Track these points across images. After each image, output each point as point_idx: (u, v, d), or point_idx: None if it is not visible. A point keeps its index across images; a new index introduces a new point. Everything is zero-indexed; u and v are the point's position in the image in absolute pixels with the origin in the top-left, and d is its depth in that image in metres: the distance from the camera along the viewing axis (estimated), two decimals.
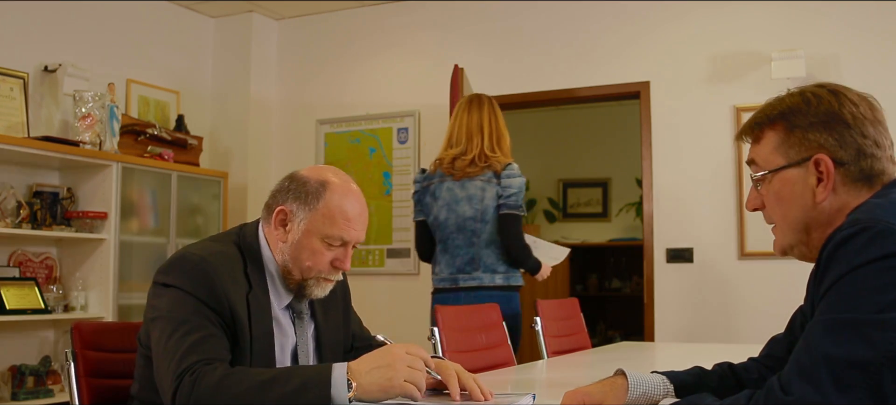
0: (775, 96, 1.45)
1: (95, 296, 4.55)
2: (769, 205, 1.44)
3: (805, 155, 1.36)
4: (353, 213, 1.78)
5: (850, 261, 1.19)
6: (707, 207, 4.73)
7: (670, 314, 4.76)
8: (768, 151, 1.41)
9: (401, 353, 1.54)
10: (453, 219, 3.48)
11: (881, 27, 4.43)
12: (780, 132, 1.40)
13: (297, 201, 1.77)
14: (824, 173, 1.35)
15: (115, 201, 4.56)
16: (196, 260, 1.69)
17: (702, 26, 4.81)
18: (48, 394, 4.30)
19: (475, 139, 3.48)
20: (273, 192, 1.84)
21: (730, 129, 4.68)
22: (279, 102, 5.92)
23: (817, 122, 1.36)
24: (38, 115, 4.63)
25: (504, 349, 3.06)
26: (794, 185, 1.38)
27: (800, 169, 1.37)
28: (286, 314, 1.83)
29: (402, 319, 5.24)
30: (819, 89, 1.40)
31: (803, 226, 1.39)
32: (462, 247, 3.48)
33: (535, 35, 5.20)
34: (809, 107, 1.37)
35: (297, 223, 1.76)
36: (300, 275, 1.78)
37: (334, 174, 1.81)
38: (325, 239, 1.76)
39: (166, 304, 1.67)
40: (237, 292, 1.71)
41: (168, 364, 1.58)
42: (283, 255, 1.78)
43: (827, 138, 1.35)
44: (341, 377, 1.50)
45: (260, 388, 1.50)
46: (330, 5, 5.68)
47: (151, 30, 5.38)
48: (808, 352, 1.19)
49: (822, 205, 1.36)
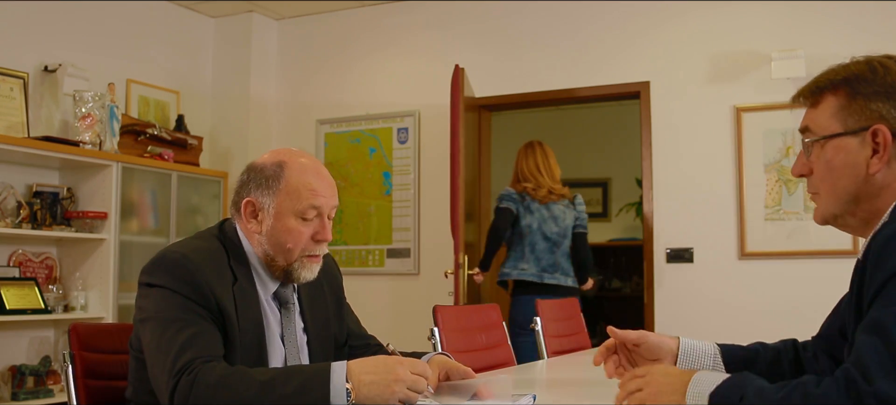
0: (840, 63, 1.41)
1: (95, 297, 4.55)
2: (818, 171, 1.39)
3: (864, 124, 1.33)
4: (318, 183, 1.79)
5: None
6: (707, 207, 4.73)
7: (670, 314, 4.76)
8: (826, 117, 1.38)
9: (404, 373, 1.52)
10: (541, 232, 4.38)
11: (881, 27, 4.43)
12: (841, 98, 1.37)
13: (259, 189, 1.79)
14: (881, 144, 1.31)
15: (115, 201, 4.56)
16: (178, 257, 1.69)
17: (702, 26, 4.81)
18: (48, 394, 4.30)
19: (540, 177, 4.45)
20: (235, 188, 1.85)
21: (730, 128, 4.68)
22: (279, 102, 5.92)
23: (881, 91, 1.33)
24: (38, 115, 4.63)
25: (504, 349, 3.06)
26: (849, 154, 1.34)
27: (856, 138, 1.34)
28: (273, 304, 1.83)
29: (402, 319, 5.25)
30: (887, 60, 1.37)
31: (852, 196, 1.35)
32: (545, 253, 4.38)
33: (535, 35, 5.19)
34: (876, 75, 1.35)
35: (267, 210, 1.77)
36: (285, 261, 1.78)
37: (289, 152, 1.83)
38: (298, 215, 1.76)
39: (153, 304, 1.67)
40: (222, 285, 1.70)
41: (163, 363, 1.57)
42: (263, 245, 1.79)
43: (889, 109, 1.32)
44: (340, 381, 1.49)
45: (259, 389, 1.49)
46: (330, 5, 5.68)
47: (151, 30, 5.38)
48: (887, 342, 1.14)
49: (874, 177, 1.32)
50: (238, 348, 1.70)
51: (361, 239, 5.54)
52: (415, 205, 5.42)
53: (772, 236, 4.52)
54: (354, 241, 5.55)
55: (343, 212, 5.59)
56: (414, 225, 5.41)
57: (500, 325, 3.13)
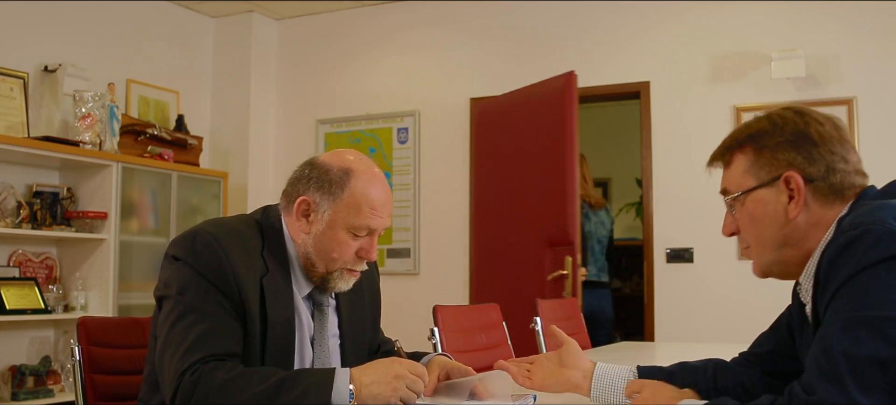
0: (741, 124, 1.49)
1: (95, 296, 4.55)
2: (744, 227, 1.45)
3: (775, 174, 1.39)
4: (380, 201, 1.69)
5: (858, 262, 1.21)
6: (707, 207, 4.71)
7: (670, 314, 4.76)
8: (739, 174, 1.44)
9: (403, 371, 1.53)
10: (596, 236, 4.99)
11: (881, 27, 4.43)
12: (749, 154, 1.43)
13: (319, 190, 1.68)
14: (795, 190, 1.37)
15: (115, 201, 4.56)
16: (208, 237, 1.62)
17: (702, 26, 4.81)
18: (48, 394, 4.30)
19: (588, 186, 5.01)
20: (292, 179, 1.74)
21: (730, 129, 4.66)
22: (279, 102, 5.92)
23: (785, 141, 1.39)
24: (38, 115, 4.62)
25: (504, 349, 3.06)
26: (767, 205, 1.40)
27: (771, 188, 1.39)
28: (306, 304, 1.76)
29: (402, 319, 5.23)
30: (784, 111, 1.43)
31: (779, 243, 1.40)
32: (599, 254, 4.98)
33: (535, 35, 5.19)
34: (776, 128, 1.41)
35: (321, 214, 1.67)
36: (325, 268, 1.70)
37: (356, 158, 1.72)
38: (351, 229, 1.67)
39: (174, 280, 1.61)
40: (249, 274, 1.63)
41: (171, 357, 1.54)
42: (306, 247, 1.70)
43: (795, 156, 1.37)
44: (344, 384, 1.49)
45: (263, 394, 1.47)
46: (330, 5, 5.68)
47: (151, 30, 5.38)
48: (827, 353, 1.19)
49: (795, 221, 1.37)
50: (259, 344, 1.63)
51: None
52: (415, 205, 5.42)
53: None
54: None
55: None
56: (414, 225, 5.41)
57: (500, 325, 3.13)
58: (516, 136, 4.80)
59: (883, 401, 1.14)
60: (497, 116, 5.01)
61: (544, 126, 4.61)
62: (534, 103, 4.75)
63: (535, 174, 4.66)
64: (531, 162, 4.69)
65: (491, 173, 5.01)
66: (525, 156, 4.73)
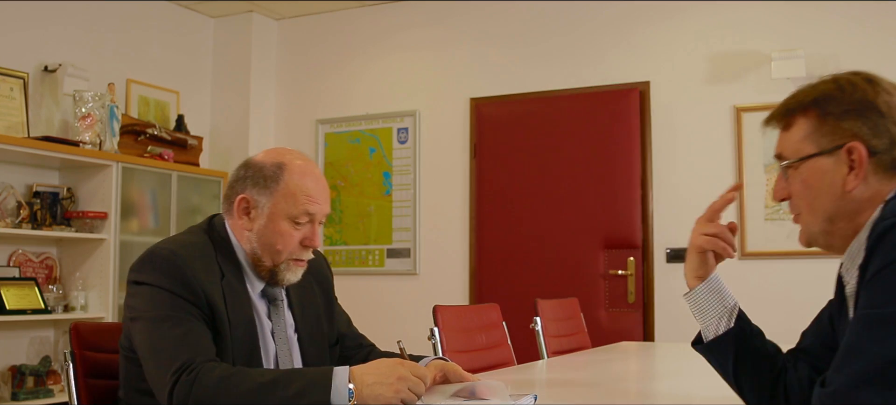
0: (806, 83, 1.42)
1: (95, 296, 4.55)
2: (796, 194, 1.40)
3: (838, 143, 1.33)
4: (315, 189, 1.79)
5: (888, 254, 1.17)
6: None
7: (670, 314, 4.76)
8: (799, 139, 1.38)
9: (406, 373, 1.54)
10: None
11: (881, 27, 4.43)
12: (812, 119, 1.37)
13: (256, 187, 1.77)
14: (857, 161, 1.32)
15: (115, 201, 4.56)
16: (166, 253, 1.69)
17: (702, 26, 4.81)
18: (48, 394, 4.30)
19: None
20: (230, 182, 1.84)
21: (730, 128, 4.68)
22: (279, 102, 5.92)
23: (851, 109, 1.33)
24: (38, 115, 4.63)
25: (504, 349, 3.06)
26: (825, 174, 1.35)
27: (831, 157, 1.34)
28: (262, 301, 1.83)
29: (402, 319, 5.24)
30: (854, 77, 1.37)
31: (831, 215, 1.36)
32: None
33: (535, 35, 5.20)
34: (843, 94, 1.35)
35: (261, 209, 1.77)
36: (271, 261, 1.78)
37: (289, 154, 1.82)
38: (291, 218, 1.76)
39: (143, 303, 1.66)
40: (211, 281, 1.70)
41: (160, 361, 1.57)
42: (252, 243, 1.78)
43: (861, 126, 1.32)
44: (343, 383, 1.50)
45: (260, 391, 1.49)
46: (330, 5, 5.68)
47: (151, 30, 5.38)
48: (847, 348, 1.17)
49: (852, 194, 1.33)
50: (230, 344, 1.69)
51: (361, 239, 5.54)
52: (415, 205, 5.42)
53: (772, 236, 4.52)
54: (354, 241, 5.56)
55: (343, 213, 5.60)
56: (414, 225, 5.41)
57: (500, 325, 3.13)
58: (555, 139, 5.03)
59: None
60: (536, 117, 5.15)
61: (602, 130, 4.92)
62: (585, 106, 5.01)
63: (588, 176, 4.94)
64: (582, 163, 4.94)
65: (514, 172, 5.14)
66: (573, 157, 4.96)
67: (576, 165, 4.96)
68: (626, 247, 4.85)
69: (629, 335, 4.66)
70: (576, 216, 4.93)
